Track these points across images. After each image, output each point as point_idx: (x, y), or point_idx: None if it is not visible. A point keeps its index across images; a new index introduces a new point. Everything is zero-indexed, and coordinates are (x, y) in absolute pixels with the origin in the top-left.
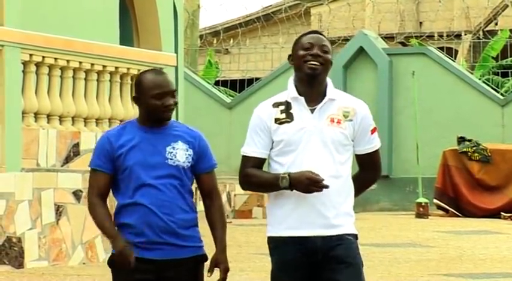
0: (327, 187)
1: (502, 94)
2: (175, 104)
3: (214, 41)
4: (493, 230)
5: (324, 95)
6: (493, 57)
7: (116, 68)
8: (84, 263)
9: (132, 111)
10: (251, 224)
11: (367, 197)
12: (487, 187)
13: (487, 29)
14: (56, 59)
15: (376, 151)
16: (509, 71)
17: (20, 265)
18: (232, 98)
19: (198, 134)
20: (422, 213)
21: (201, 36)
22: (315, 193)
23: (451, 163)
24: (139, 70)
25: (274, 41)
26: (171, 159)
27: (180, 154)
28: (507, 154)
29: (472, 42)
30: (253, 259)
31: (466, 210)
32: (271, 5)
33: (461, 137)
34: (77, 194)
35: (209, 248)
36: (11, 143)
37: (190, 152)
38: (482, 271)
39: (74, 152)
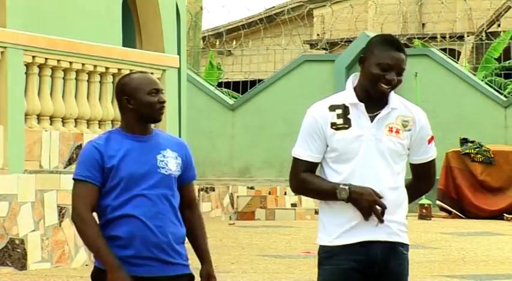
0: (381, 221)
1: (505, 95)
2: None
3: (217, 43)
4: (496, 231)
5: (385, 102)
6: (495, 59)
7: (119, 69)
8: (86, 265)
9: None
10: (254, 225)
11: None
12: (490, 189)
13: (490, 30)
14: (58, 60)
15: (432, 161)
16: None
17: (23, 266)
18: (235, 99)
19: (183, 142)
20: (425, 214)
21: (203, 38)
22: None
23: (454, 165)
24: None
25: (276, 43)
26: (163, 167)
27: (171, 162)
28: (510, 155)
29: (474, 44)
30: (256, 260)
31: (468, 211)
32: (273, 7)
33: (464, 139)
34: None
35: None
36: (14, 144)
37: (179, 160)
38: (485, 272)
39: (77, 153)
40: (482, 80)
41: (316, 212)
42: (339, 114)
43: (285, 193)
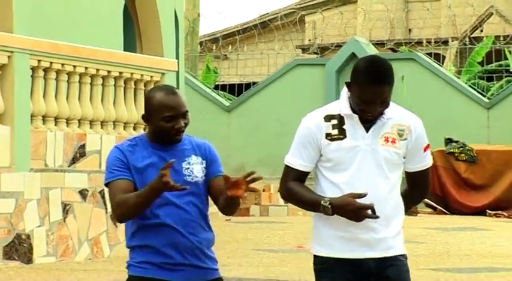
0: (376, 217)
1: (487, 98)
2: (186, 125)
3: (214, 48)
4: (479, 227)
5: (380, 113)
6: (478, 63)
7: (120, 73)
8: (90, 259)
9: (135, 115)
10: (249, 221)
11: None
12: (473, 186)
13: (473, 35)
14: (63, 64)
15: (427, 169)
16: (494, 75)
17: (29, 260)
18: (230, 101)
19: (204, 143)
20: (411, 211)
21: (201, 43)
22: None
23: (439, 163)
24: (142, 75)
25: (270, 48)
26: (189, 175)
27: (196, 168)
28: (492, 154)
29: (458, 48)
30: (251, 254)
31: (453, 208)
32: (267, 13)
33: (448, 139)
34: (83, 193)
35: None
36: (20, 144)
37: (204, 164)
38: (468, 265)
39: (80, 153)
40: (466, 83)
41: None
42: (334, 124)
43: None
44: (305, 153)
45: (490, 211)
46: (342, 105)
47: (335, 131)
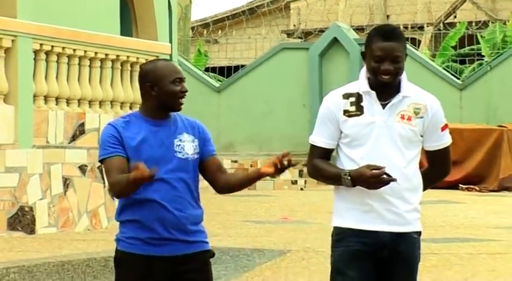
0: (393, 179)
1: (461, 80)
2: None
3: (205, 32)
4: (452, 200)
5: (398, 90)
6: (452, 47)
7: (117, 56)
8: (88, 230)
9: (131, 95)
10: (238, 195)
11: None
12: None
13: (447, 21)
14: (63, 48)
15: (446, 148)
16: (467, 59)
17: (32, 231)
18: (220, 82)
19: (197, 122)
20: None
21: (192, 28)
22: (381, 188)
23: None
24: (137, 58)
25: (257, 32)
26: (179, 152)
27: (187, 146)
28: (464, 132)
29: (433, 34)
30: (240, 226)
31: None
32: (255, 0)
33: None
34: (82, 168)
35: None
36: (23, 123)
37: (196, 142)
38: (442, 236)
39: (80, 131)
40: (440, 66)
41: (293, 183)
42: (352, 102)
43: None
44: (326, 131)
45: (462, 185)
46: (360, 83)
47: (352, 108)
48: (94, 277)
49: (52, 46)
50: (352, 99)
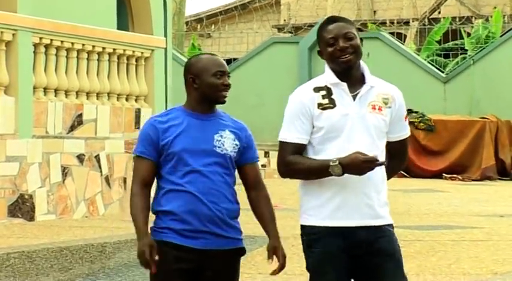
0: (383, 163)
1: (445, 73)
2: (230, 86)
3: (198, 27)
4: (436, 189)
5: (363, 81)
6: (436, 41)
7: (114, 49)
8: (86, 217)
9: (127, 87)
10: None
11: None
12: (431, 152)
13: (432, 17)
14: (62, 41)
15: (407, 139)
16: (451, 53)
17: (31, 218)
18: None
19: (243, 125)
20: None
21: (186, 23)
22: (357, 180)
23: None
24: (133, 51)
25: (249, 27)
26: (219, 147)
27: (227, 142)
28: (448, 123)
29: (418, 28)
30: None
31: (413, 172)
32: None
33: (408, 109)
34: (80, 157)
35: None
36: (24, 113)
37: (237, 142)
38: (427, 223)
39: (78, 121)
40: (425, 60)
41: None
42: (323, 95)
43: None
44: (299, 125)
45: (446, 175)
46: (327, 77)
47: (325, 101)
48: (91, 262)
49: (51, 40)
50: (323, 92)
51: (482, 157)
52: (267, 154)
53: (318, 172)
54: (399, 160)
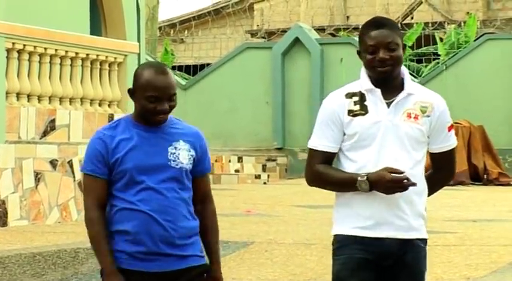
0: (414, 184)
1: (419, 78)
2: (172, 108)
3: (171, 32)
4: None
5: (401, 88)
6: (409, 47)
7: (87, 54)
8: (59, 222)
9: (100, 92)
10: None
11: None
12: None
13: (405, 22)
14: (35, 47)
15: (452, 150)
16: (424, 58)
17: (4, 223)
18: (186, 80)
19: (198, 132)
20: None
21: (160, 28)
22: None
23: None
24: (106, 57)
25: (222, 32)
26: (173, 160)
27: (182, 154)
28: None
29: None
30: None
31: None
32: (220, 1)
33: None
34: (53, 163)
35: None
36: None
37: (193, 152)
38: None
39: (51, 126)
40: None
41: (256, 177)
42: (355, 101)
43: (229, 161)
44: (329, 133)
45: None
46: (362, 82)
47: (357, 107)
48: (64, 267)
49: (24, 45)
50: (356, 98)
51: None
52: (240, 159)
53: (346, 185)
54: (445, 172)
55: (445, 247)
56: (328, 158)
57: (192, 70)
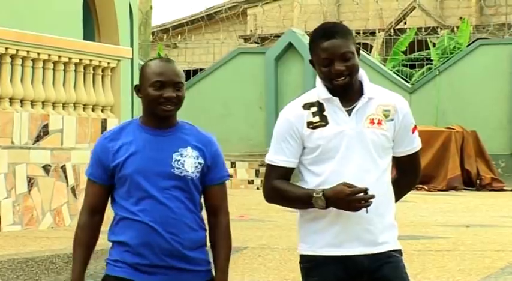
0: (372, 196)
1: (411, 83)
2: (179, 98)
3: (165, 37)
4: (402, 199)
5: (360, 93)
6: (402, 52)
7: (80, 59)
8: (52, 227)
9: (93, 97)
10: None
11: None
12: None
13: (398, 27)
14: (28, 52)
15: (417, 152)
16: (417, 63)
17: None
18: None
19: (210, 138)
20: None
21: (153, 33)
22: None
23: None
24: (100, 62)
25: (215, 38)
26: (178, 168)
27: (188, 162)
28: None
29: (384, 39)
30: None
31: None
32: (213, 6)
33: None
34: (46, 168)
35: None
36: None
37: (201, 160)
38: None
39: (44, 132)
40: (391, 70)
41: (249, 182)
42: (314, 112)
43: None
44: (287, 147)
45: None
46: (319, 91)
47: (316, 119)
48: (57, 272)
49: (17, 50)
50: (314, 109)
51: (448, 167)
52: (233, 165)
53: (302, 202)
54: (410, 176)
55: (438, 252)
56: (287, 173)
57: (185, 75)
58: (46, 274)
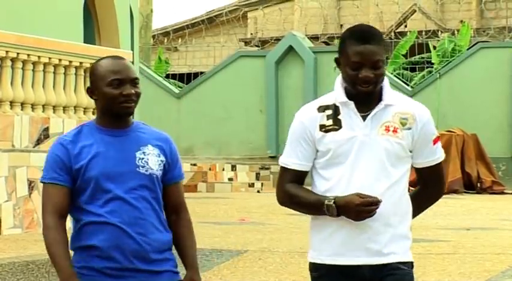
0: (379, 202)
1: (411, 86)
2: (137, 94)
3: (165, 40)
4: None
5: (379, 99)
6: (403, 55)
7: (81, 63)
8: None
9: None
10: (196, 197)
11: None
12: None
13: (398, 30)
14: (28, 55)
15: (439, 164)
16: (417, 66)
17: None
18: (180, 89)
19: (167, 136)
20: None
21: (153, 36)
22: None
23: None
24: None
25: (216, 41)
26: (142, 166)
27: (152, 160)
28: None
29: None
30: (198, 227)
31: None
32: (213, 10)
33: None
34: None
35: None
36: None
37: (162, 158)
38: None
39: (44, 135)
40: (391, 73)
41: (250, 185)
42: (328, 115)
43: (223, 169)
44: (300, 150)
45: (412, 188)
46: (336, 94)
47: (329, 122)
48: (57, 276)
49: (17, 53)
50: (329, 112)
51: (449, 170)
52: (234, 168)
53: (314, 208)
54: (433, 188)
55: (438, 255)
56: (300, 176)
57: (186, 78)
58: (46, 277)
